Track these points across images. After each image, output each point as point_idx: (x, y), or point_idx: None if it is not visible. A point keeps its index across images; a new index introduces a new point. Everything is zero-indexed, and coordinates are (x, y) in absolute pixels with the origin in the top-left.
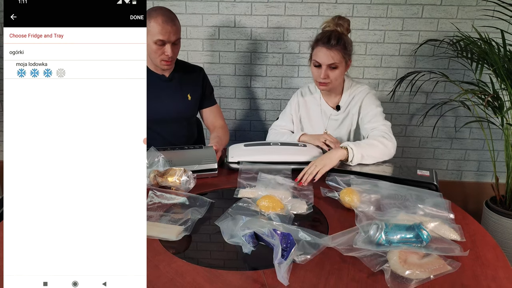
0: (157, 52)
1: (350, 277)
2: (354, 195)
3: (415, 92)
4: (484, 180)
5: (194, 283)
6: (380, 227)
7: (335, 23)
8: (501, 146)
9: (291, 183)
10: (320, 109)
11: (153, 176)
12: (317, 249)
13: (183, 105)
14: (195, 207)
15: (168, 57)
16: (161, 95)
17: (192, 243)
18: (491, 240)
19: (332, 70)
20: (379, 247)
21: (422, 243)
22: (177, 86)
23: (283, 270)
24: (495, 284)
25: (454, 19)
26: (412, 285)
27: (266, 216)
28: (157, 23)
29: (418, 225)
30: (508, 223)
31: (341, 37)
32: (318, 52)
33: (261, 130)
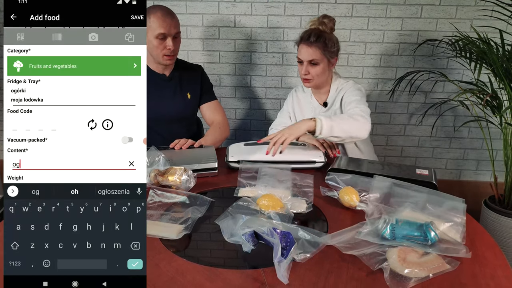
0: (159, 47)
1: (350, 275)
2: (353, 194)
3: (414, 92)
4: (483, 179)
5: (194, 282)
6: (387, 221)
7: (319, 21)
8: (499, 145)
9: (291, 182)
10: (311, 106)
11: (153, 175)
12: (316, 247)
13: (183, 104)
14: (196, 206)
15: (170, 50)
16: (161, 94)
17: (192, 241)
18: (490, 239)
19: (313, 66)
20: (382, 240)
21: (427, 242)
22: (177, 85)
23: (283, 268)
24: (493, 282)
25: (453, 19)
26: (411, 284)
27: (266, 215)
28: (156, 17)
29: (428, 224)
30: (507, 222)
31: (321, 34)
32: (300, 49)
33: (261, 129)
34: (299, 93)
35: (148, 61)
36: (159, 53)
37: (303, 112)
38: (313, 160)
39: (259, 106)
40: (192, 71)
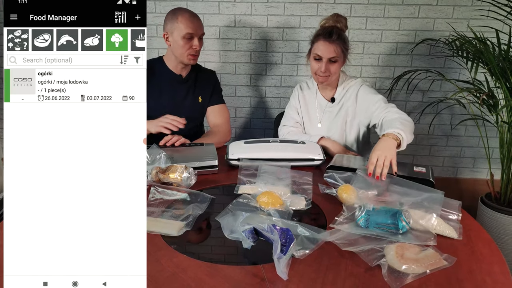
0: (185, 47)
1: (348, 271)
2: (351, 192)
3: (411, 91)
4: (479, 176)
5: (195, 278)
6: (363, 209)
7: (335, 19)
8: (495, 143)
9: (291, 179)
10: (316, 102)
11: (155, 173)
12: (315, 244)
13: (193, 106)
14: (196, 203)
15: (196, 50)
16: (175, 94)
17: (193, 238)
18: (486, 236)
19: (332, 64)
20: (355, 228)
21: (398, 231)
22: (191, 87)
23: (282, 264)
24: (490, 278)
25: (450, 19)
26: (408, 280)
27: (266, 212)
28: (184, 18)
29: (400, 213)
30: (503, 219)
31: (341, 32)
32: (319, 46)
33: (261, 127)
34: (304, 89)
35: (167, 61)
36: (184, 52)
37: (308, 108)
38: (312, 157)
39: (259, 105)
40: (207, 75)
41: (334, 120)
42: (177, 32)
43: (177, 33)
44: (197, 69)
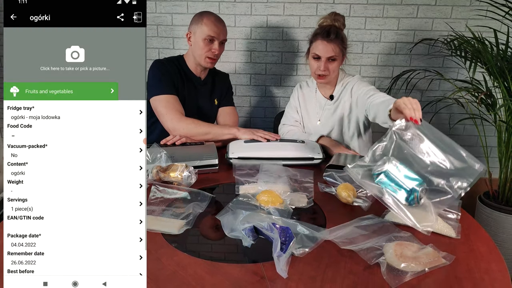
0: (204, 49)
1: (347, 269)
2: (351, 191)
3: (410, 90)
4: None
5: (196, 275)
6: (387, 162)
7: (332, 18)
8: (494, 142)
9: (292, 178)
10: (316, 100)
11: (155, 172)
12: (315, 242)
13: (209, 108)
14: (197, 201)
15: (214, 54)
16: (193, 96)
17: (193, 236)
18: (485, 234)
19: (331, 63)
20: (367, 177)
21: (404, 201)
22: (208, 90)
23: (282, 263)
24: (488, 276)
25: (448, 19)
26: (407, 278)
27: (266, 211)
28: (210, 20)
29: (417, 189)
30: (501, 217)
31: (338, 31)
32: (318, 45)
33: (260, 127)
34: (304, 88)
35: (188, 61)
36: (203, 54)
37: (308, 106)
38: (311, 156)
39: (259, 104)
40: (222, 78)
41: (333, 117)
42: (200, 33)
43: (199, 34)
44: (213, 72)
